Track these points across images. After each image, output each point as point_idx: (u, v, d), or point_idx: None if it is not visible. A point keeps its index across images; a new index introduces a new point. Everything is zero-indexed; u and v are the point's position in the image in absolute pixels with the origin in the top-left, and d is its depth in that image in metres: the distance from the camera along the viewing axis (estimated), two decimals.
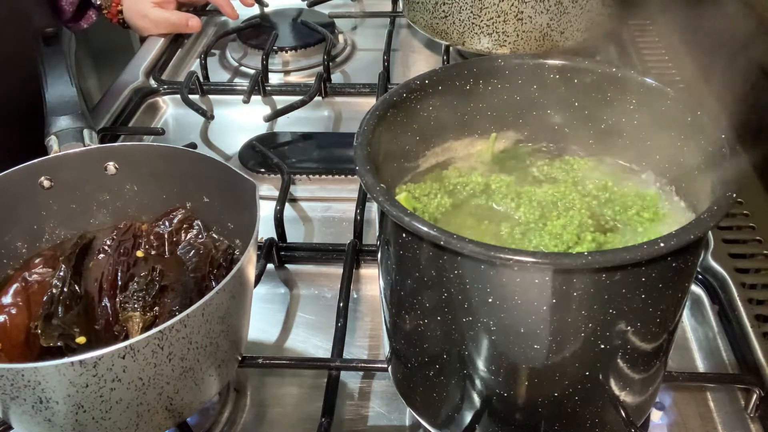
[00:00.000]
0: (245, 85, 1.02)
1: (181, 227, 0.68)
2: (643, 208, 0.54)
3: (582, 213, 0.53)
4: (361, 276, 0.78)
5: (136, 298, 0.60)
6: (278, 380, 0.67)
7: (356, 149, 0.51)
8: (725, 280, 0.72)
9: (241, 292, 0.56)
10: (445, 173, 0.59)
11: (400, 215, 0.45)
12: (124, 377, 0.48)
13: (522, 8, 0.99)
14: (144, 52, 1.15)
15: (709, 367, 0.67)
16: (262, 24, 1.23)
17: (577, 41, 1.02)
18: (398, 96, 0.57)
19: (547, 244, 0.51)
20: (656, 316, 0.47)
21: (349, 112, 1.05)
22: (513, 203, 0.55)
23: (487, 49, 1.03)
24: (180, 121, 1.04)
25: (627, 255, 0.42)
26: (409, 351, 0.54)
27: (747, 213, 0.81)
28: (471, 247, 0.42)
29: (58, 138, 0.68)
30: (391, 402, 0.65)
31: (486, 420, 0.52)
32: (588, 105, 0.59)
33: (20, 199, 0.65)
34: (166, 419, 0.54)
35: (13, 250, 0.66)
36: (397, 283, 0.52)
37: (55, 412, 0.49)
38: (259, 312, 0.72)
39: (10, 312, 0.61)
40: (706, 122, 0.52)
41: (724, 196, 0.45)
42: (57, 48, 0.73)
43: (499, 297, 0.45)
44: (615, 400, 0.51)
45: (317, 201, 0.89)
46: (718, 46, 0.69)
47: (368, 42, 1.23)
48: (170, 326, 0.49)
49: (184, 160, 0.67)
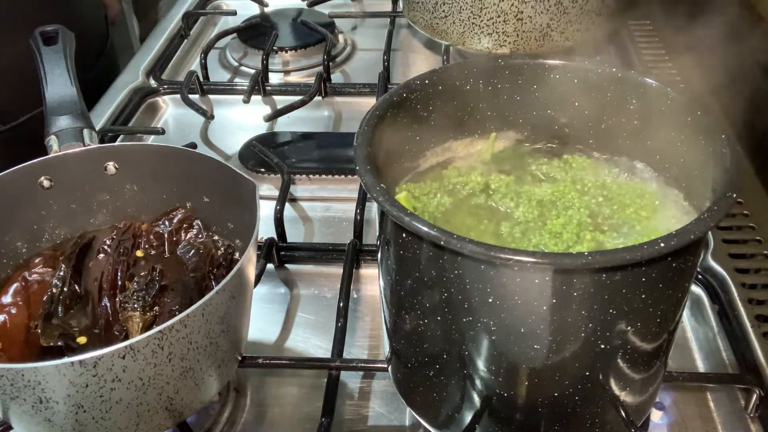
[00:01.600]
0: (245, 85, 1.02)
1: (181, 227, 0.68)
2: (641, 206, 0.54)
3: (581, 212, 0.53)
4: (361, 276, 0.78)
5: (135, 297, 0.60)
6: (278, 380, 0.67)
7: (356, 149, 0.51)
8: (725, 280, 0.72)
9: (241, 292, 0.56)
10: (445, 173, 0.59)
11: (400, 215, 0.45)
12: (124, 377, 0.48)
13: (522, 8, 0.99)
14: (144, 52, 1.16)
15: (709, 367, 0.67)
16: (262, 24, 1.23)
17: (577, 41, 1.02)
18: (398, 96, 0.57)
19: (546, 243, 0.51)
20: (656, 316, 0.47)
21: (349, 112, 1.05)
22: (512, 203, 0.55)
23: (487, 49, 1.03)
24: (180, 121, 1.04)
25: (627, 255, 0.42)
26: (409, 351, 0.54)
27: (747, 213, 0.81)
28: (471, 247, 0.42)
29: (58, 138, 0.68)
30: (391, 402, 0.65)
31: (486, 420, 0.52)
32: (588, 105, 0.59)
33: (20, 199, 0.65)
34: (166, 419, 0.54)
35: (13, 250, 0.66)
36: (397, 283, 0.52)
37: (55, 412, 0.49)
38: (259, 312, 0.72)
39: (10, 312, 0.61)
40: (706, 122, 0.52)
41: (724, 196, 0.45)
42: (57, 48, 0.73)
43: (499, 297, 0.45)
44: (615, 400, 0.51)
45: (317, 201, 0.89)
46: (718, 46, 0.69)
47: (368, 42, 1.23)
48: (170, 326, 0.49)
49: (184, 160, 0.67)
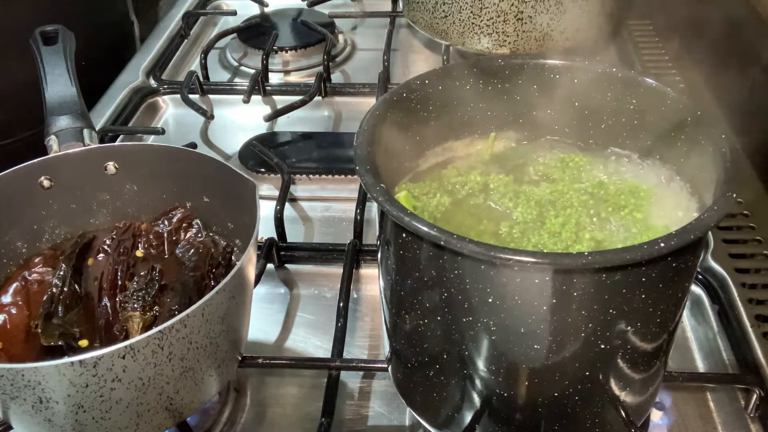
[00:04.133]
0: (245, 85, 1.02)
1: (181, 226, 0.68)
2: (640, 206, 0.54)
3: (579, 212, 0.53)
4: (361, 276, 0.78)
5: (135, 297, 0.60)
6: (278, 380, 0.67)
7: (356, 149, 0.51)
8: (725, 280, 0.72)
9: (241, 292, 0.56)
10: (444, 172, 0.59)
11: (400, 215, 0.45)
12: (124, 377, 0.48)
13: (522, 8, 0.99)
14: (144, 52, 1.15)
15: (709, 367, 0.67)
16: (262, 24, 1.22)
17: (577, 41, 1.02)
18: (398, 96, 0.57)
19: (546, 243, 0.51)
20: (656, 316, 0.47)
21: (349, 112, 1.05)
22: (511, 202, 0.55)
23: (487, 49, 1.03)
24: (180, 120, 1.04)
25: (627, 255, 0.42)
26: (409, 351, 0.54)
27: (747, 213, 0.81)
28: (471, 247, 0.42)
29: (57, 138, 0.68)
30: (391, 402, 0.65)
31: (486, 420, 0.52)
32: (588, 105, 0.59)
33: (20, 199, 0.65)
34: (166, 419, 0.54)
35: (13, 250, 0.66)
36: (397, 283, 0.52)
37: (55, 412, 0.49)
38: (259, 312, 0.72)
39: (10, 311, 0.61)
40: (706, 122, 0.52)
41: (724, 196, 0.45)
42: (57, 48, 0.73)
43: (499, 297, 0.45)
44: (615, 400, 0.51)
45: (317, 201, 0.89)
46: (718, 46, 0.69)
47: (368, 42, 1.23)
48: (170, 326, 0.49)
49: (184, 160, 0.67)
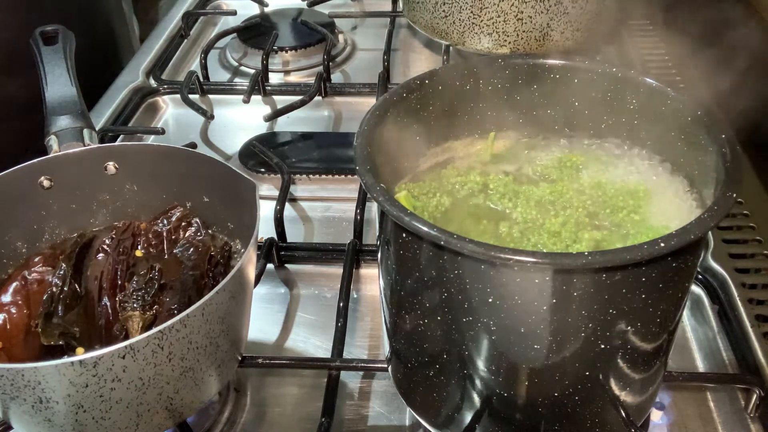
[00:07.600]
0: (245, 85, 1.02)
1: (180, 225, 0.68)
2: (639, 206, 0.54)
3: (579, 212, 0.53)
4: (361, 276, 0.78)
5: (135, 297, 0.60)
6: (278, 380, 0.67)
7: (356, 149, 0.51)
8: (725, 280, 0.72)
9: (241, 292, 0.56)
10: (444, 172, 0.59)
11: (400, 215, 0.45)
12: (124, 377, 0.48)
13: (522, 8, 0.99)
14: (144, 52, 1.15)
15: (709, 367, 0.67)
16: (262, 24, 1.22)
17: (577, 41, 1.02)
18: (398, 96, 0.57)
19: (545, 243, 0.51)
20: (656, 316, 0.47)
21: (349, 112, 1.05)
22: (510, 203, 0.55)
23: (487, 49, 1.03)
24: (180, 120, 1.04)
25: (627, 255, 0.42)
26: (409, 351, 0.54)
27: (747, 213, 0.81)
28: (471, 246, 0.42)
29: (57, 138, 0.68)
30: (391, 402, 0.65)
31: (486, 420, 0.52)
32: (588, 105, 0.59)
33: (20, 199, 0.65)
34: (166, 419, 0.54)
35: (13, 250, 0.66)
36: (397, 283, 0.52)
37: (55, 412, 0.49)
38: (259, 312, 0.72)
39: (10, 311, 0.61)
40: (706, 122, 0.52)
41: (724, 196, 0.45)
42: (57, 48, 0.73)
43: (499, 297, 0.45)
44: (615, 400, 0.51)
45: (317, 201, 0.89)
46: (719, 46, 0.69)
47: (368, 42, 1.23)
48: (170, 326, 0.49)
49: (184, 159, 0.67)
